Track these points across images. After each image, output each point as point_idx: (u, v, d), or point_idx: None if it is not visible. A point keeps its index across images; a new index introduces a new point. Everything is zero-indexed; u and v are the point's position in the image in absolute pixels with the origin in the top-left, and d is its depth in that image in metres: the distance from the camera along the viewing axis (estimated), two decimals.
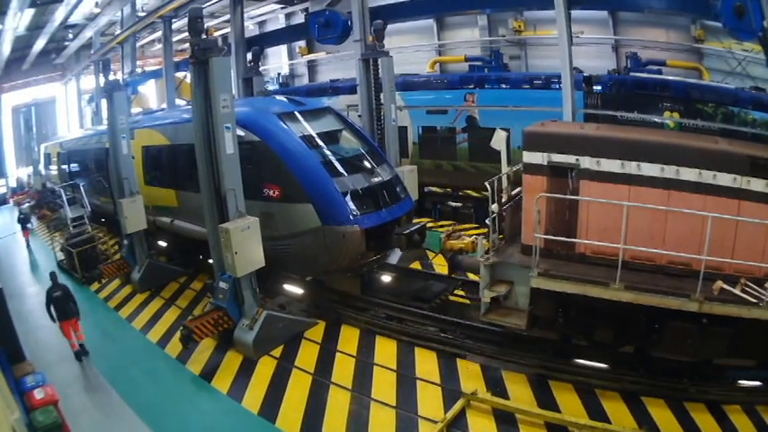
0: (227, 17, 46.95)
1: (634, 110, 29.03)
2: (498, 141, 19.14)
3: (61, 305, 19.59)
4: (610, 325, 15.40)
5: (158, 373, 18.09)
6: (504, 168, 18.71)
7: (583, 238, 15.43)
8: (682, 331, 14.36)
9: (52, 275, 20.25)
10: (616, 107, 29.26)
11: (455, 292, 21.71)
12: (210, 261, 19.75)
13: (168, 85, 37.68)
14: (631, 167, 14.89)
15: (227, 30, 43.92)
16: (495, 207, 16.81)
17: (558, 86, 26.22)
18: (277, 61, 63.38)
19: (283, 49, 61.32)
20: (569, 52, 24.09)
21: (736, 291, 13.46)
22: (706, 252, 13.29)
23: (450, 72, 47.39)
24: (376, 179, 20.80)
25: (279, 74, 62.03)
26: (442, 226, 27.75)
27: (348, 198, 19.44)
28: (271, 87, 52.43)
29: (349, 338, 18.96)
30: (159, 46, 52.15)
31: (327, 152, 20.65)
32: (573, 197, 15.37)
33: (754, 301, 13.11)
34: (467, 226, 25.61)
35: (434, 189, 36.70)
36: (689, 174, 14.40)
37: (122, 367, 18.50)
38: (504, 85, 34.64)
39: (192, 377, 17.54)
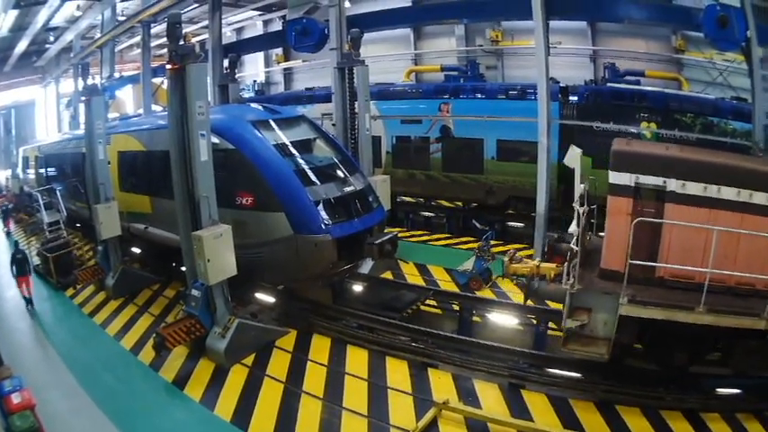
0: (205, 23, 47.06)
1: (610, 120, 29.04)
2: (573, 159, 18.76)
3: (20, 265, 25.50)
4: (686, 347, 15.66)
5: (132, 380, 18.09)
6: (578, 189, 17.96)
7: (663, 262, 15.19)
8: (752, 349, 14.89)
9: (15, 243, 30.52)
10: (592, 118, 29.32)
11: (426, 302, 21.82)
12: (183, 269, 19.74)
13: (145, 90, 37.58)
14: (713, 191, 14.90)
15: (206, 36, 43.98)
16: (575, 229, 16.62)
17: (533, 97, 26.48)
18: (253, 69, 63.75)
19: (260, 56, 61.90)
20: (546, 62, 24.29)
21: None
22: None
23: (427, 82, 47.81)
24: (348, 188, 21.04)
25: (255, 81, 62.32)
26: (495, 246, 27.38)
27: (320, 207, 19.65)
28: (246, 95, 52.69)
29: (320, 347, 19.02)
30: (138, 51, 52.09)
31: (301, 161, 20.87)
32: (678, 222, 14.98)
33: None
34: (518, 246, 25.32)
35: (407, 199, 36.94)
36: (760, 197, 14.62)
37: (97, 373, 18.49)
38: (479, 95, 34.68)
39: (166, 385, 17.53)
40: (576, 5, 29.01)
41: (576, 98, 31.98)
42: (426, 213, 36.43)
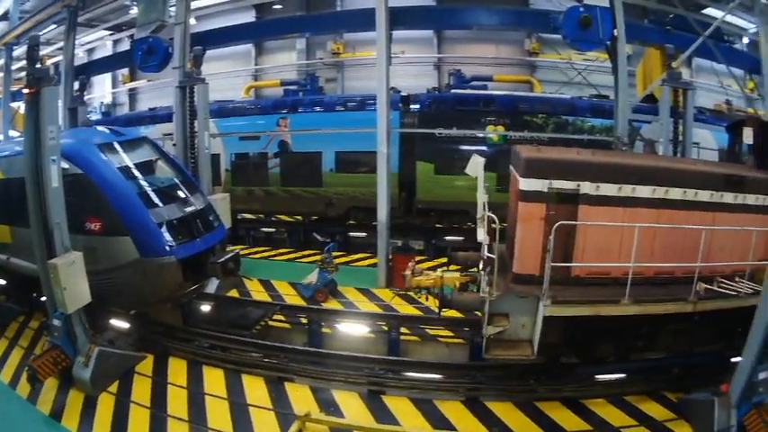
0: (60, 44, 46.27)
1: (454, 126, 30.15)
2: (475, 167, 18.50)
3: None
4: (611, 340, 16.70)
5: (12, 415, 17.58)
6: (481, 197, 18.18)
7: (579, 261, 15.71)
8: (678, 331, 16.34)
9: None
10: (435, 125, 30.26)
11: (274, 317, 22.09)
12: (44, 298, 19.22)
13: (5, 115, 36.28)
14: (627, 190, 15.60)
15: (59, 58, 43.16)
16: (484, 237, 16.37)
17: (374, 107, 26.68)
18: (101, 90, 61.83)
19: (108, 77, 59.95)
20: (387, 72, 24.91)
21: (716, 288, 15.44)
22: (699, 259, 15.14)
23: (267, 97, 47.90)
24: (190, 208, 21.23)
25: (102, 103, 60.45)
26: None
27: (164, 229, 19.71)
28: (94, 117, 51.18)
29: (177, 370, 19.00)
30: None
31: (144, 183, 20.76)
32: (605, 223, 15.60)
33: (734, 293, 15.28)
34: (419, 258, 25.82)
35: (247, 216, 37.08)
36: (676, 193, 15.76)
37: None
38: (317, 109, 34.97)
39: (45, 418, 17.06)
40: (421, 15, 29.98)
41: (417, 106, 32.83)
42: (267, 229, 36.57)
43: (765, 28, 28.33)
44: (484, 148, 31.42)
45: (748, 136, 17.67)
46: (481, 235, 16.63)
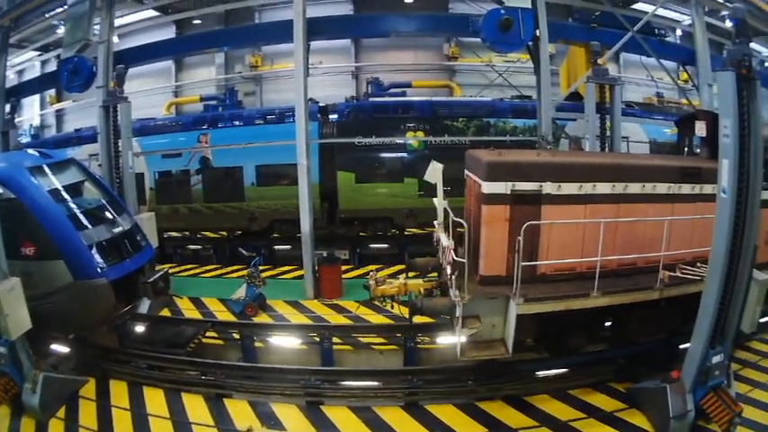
0: None
1: (373, 134, 30.54)
2: (433, 174, 18.47)
3: None
4: (582, 330, 17.70)
5: None
6: (441, 203, 18.42)
7: (544, 259, 16.16)
8: (646, 317, 17.62)
9: None
10: (354, 134, 30.76)
11: (206, 334, 22.04)
12: None
13: None
14: (588, 188, 16.25)
15: None
16: (448, 242, 16.88)
17: (293, 119, 26.84)
18: (30, 112, 60.05)
19: (37, 98, 58.45)
20: (305, 84, 25.07)
21: (678, 274, 16.37)
22: (663, 249, 16.01)
23: (188, 113, 47.54)
24: (118, 229, 21.29)
25: (31, 125, 59.08)
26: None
27: (94, 251, 19.74)
28: (24, 140, 50.58)
29: (119, 392, 18.87)
30: None
31: (73, 205, 20.68)
32: (578, 221, 16.31)
33: (697, 278, 15.98)
34: (374, 267, 25.55)
35: (174, 234, 36.64)
36: (635, 187, 16.63)
37: None
38: (237, 123, 35.33)
39: None
40: (339, 25, 30.40)
41: (336, 116, 33.35)
42: (194, 246, 36.31)
43: (700, 19, 29.70)
44: (404, 154, 32.41)
45: (701, 129, 18.44)
46: (446, 240, 17.19)
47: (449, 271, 16.22)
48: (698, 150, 19.97)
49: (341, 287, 26.64)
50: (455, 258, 15.63)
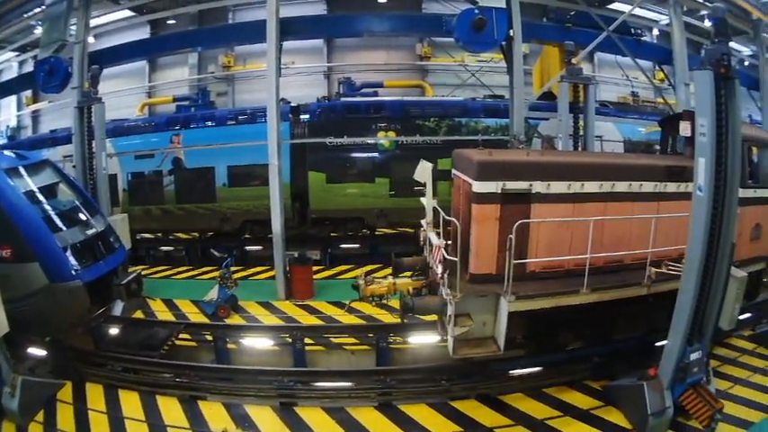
0: None
1: (345, 134, 30.71)
2: (423, 173, 18.32)
3: None
4: (571, 328, 17.76)
5: None
6: (429, 202, 18.35)
7: (533, 257, 16.29)
8: (635, 313, 17.77)
9: None
10: (326, 134, 30.92)
11: (179, 336, 22.10)
12: None
13: None
14: (576, 187, 16.45)
15: None
16: (439, 241, 16.97)
17: (264, 120, 26.81)
18: (6, 113, 59.56)
19: (13, 99, 57.71)
20: (277, 84, 25.12)
21: (665, 270, 16.45)
22: (650, 246, 16.19)
23: (161, 114, 47.27)
24: (91, 231, 21.39)
25: (7, 126, 58.62)
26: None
27: (69, 253, 19.79)
28: (0, 141, 50.08)
29: (95, 395, 18.82)
30: None
31: (47, 207, 20.71)
32: (566, 219, 16.46)
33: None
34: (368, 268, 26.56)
35: (146, 235, 36.57)
36: (622, 186, 16.89)
37: None
38: (209, 123, 35.21)
39: None
40: (312, 25, 30.46)
41: (307, 116, 33.23)
42: (165, 248, 36.33)
43: (678, 19, 29.99)
44: (375, 154, 32.63)
45: (685, 129, 18.33)
46: (436, 239, 17.27)
47: (439, 270, 16.26)
48: (681, 150, 20.43)
49: (312, 287, 26.84)
50: (447, 257, 15.75)
